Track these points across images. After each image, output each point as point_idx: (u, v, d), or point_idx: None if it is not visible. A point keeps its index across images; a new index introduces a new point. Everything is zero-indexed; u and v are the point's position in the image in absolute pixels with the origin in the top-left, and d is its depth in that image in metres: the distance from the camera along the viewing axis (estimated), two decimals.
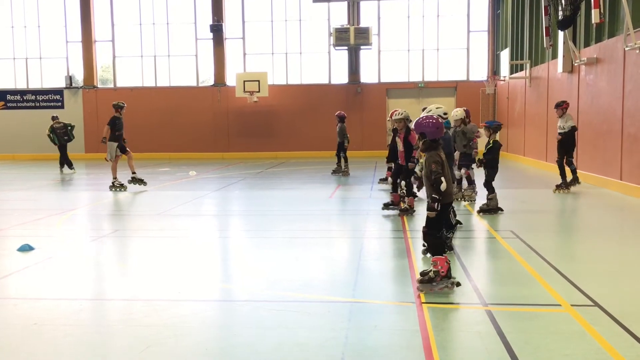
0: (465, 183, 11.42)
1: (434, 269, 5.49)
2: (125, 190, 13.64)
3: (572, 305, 5.13)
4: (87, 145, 25.78)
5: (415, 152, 9.51)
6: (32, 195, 11.42)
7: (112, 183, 13.81)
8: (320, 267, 6.79)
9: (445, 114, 8.54)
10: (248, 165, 21.11)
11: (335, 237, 8.90)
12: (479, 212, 9.62)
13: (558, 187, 12.27)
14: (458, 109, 11.59)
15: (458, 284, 5.51)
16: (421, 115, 6.82)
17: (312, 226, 9.46)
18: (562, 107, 12.25)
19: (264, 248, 7.91)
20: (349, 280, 6.08)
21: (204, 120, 25.81)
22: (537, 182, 14.88)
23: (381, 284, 6.06)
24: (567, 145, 12.21)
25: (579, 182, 12.29)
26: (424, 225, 5.67)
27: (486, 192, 9.76)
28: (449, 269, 5.52)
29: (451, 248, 6.76)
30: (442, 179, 5.43)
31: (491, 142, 9.61)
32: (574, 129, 12.15)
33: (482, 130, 10.26)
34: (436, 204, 5.44)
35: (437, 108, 8.38)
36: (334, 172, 16.83)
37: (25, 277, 6.45)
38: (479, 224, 8.92)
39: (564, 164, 12.27)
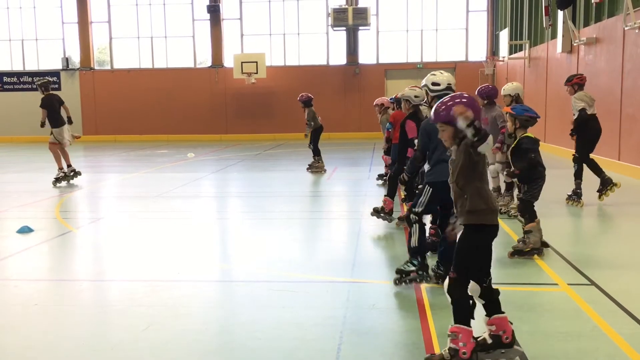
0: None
1: (452, 345, 3.42)
2: (79, 175, 12.19)
3: (568, 284, 5.17)
4: (85, 127, 25.67)
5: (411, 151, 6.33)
6: (31, 177, 11.41)
7: (65, 174, 11.94)
8: (319, 247, 6.82)
9: (416, 96, 6.64)
10: (246, 147, 21.08)
11: (334, 217, 8.94)
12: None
13: (600, 192, 8.97)
14: (513, 82, 8.70)
15: None
16: (427, 89, 5.22)
17: (311, 207, 9.48)
18: (570, 83, 8.86)
19: (262, 229, 7.94)
20: (347, 260, 6.11)
21: (202, 102, 25.70)
22: None
23: (380, 264, 6.10)
24: (581, 137, 8.84)
25: (579, 199, 8.85)
26: (451, 269, 3.60)
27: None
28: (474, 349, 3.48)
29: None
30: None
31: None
32: (581, 114, 8.62)
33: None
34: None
35: (410, 89, 6.67)
36: (310, 167, 13.81)
37: (25, 258, 6.47)
38: None
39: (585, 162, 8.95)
